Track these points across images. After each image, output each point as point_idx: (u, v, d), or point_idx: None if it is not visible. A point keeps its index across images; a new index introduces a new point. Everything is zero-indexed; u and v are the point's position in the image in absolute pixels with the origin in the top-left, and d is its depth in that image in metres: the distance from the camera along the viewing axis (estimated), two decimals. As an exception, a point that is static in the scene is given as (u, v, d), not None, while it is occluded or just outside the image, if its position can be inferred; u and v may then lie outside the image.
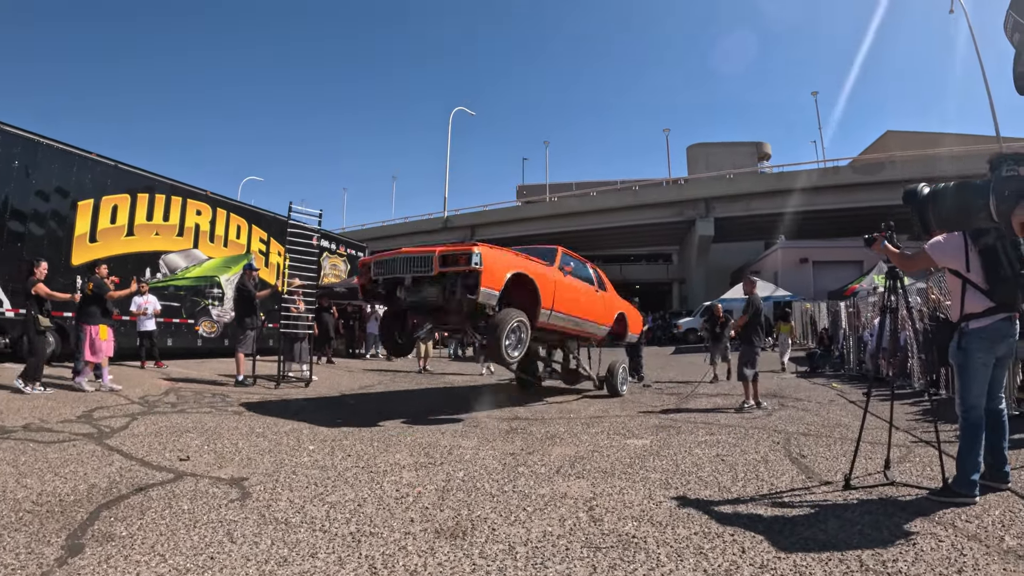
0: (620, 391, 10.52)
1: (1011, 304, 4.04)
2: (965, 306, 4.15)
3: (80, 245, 12.58)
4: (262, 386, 10.64)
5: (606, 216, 44.75)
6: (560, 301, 8.68)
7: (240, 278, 11.49)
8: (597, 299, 10.30)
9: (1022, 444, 5.82)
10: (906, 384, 11.29)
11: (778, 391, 11.10)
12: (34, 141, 11.74)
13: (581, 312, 9.50)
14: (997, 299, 4.02)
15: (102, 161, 13.21)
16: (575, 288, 9.43)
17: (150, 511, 3.65)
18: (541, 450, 5.72)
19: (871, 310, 14.54)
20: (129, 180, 13.89)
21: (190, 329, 15.42)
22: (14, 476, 4.36)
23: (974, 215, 1.19)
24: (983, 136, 36.50)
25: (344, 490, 4.19)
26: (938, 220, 1.36)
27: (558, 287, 8.68)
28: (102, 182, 13.18)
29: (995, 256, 3.96)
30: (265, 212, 18.57)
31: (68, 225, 12.42)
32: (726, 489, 4.33)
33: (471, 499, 4.01)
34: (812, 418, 7.92)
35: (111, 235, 13.32)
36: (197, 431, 6.38)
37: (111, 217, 13.33)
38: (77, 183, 12.61)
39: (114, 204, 13.41)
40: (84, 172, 12.76)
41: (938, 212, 1.40)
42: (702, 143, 60.81)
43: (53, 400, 7.97)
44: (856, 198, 36.16)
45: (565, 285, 8.98)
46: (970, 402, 4.07)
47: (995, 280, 4.01)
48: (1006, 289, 3.99)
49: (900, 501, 4.02)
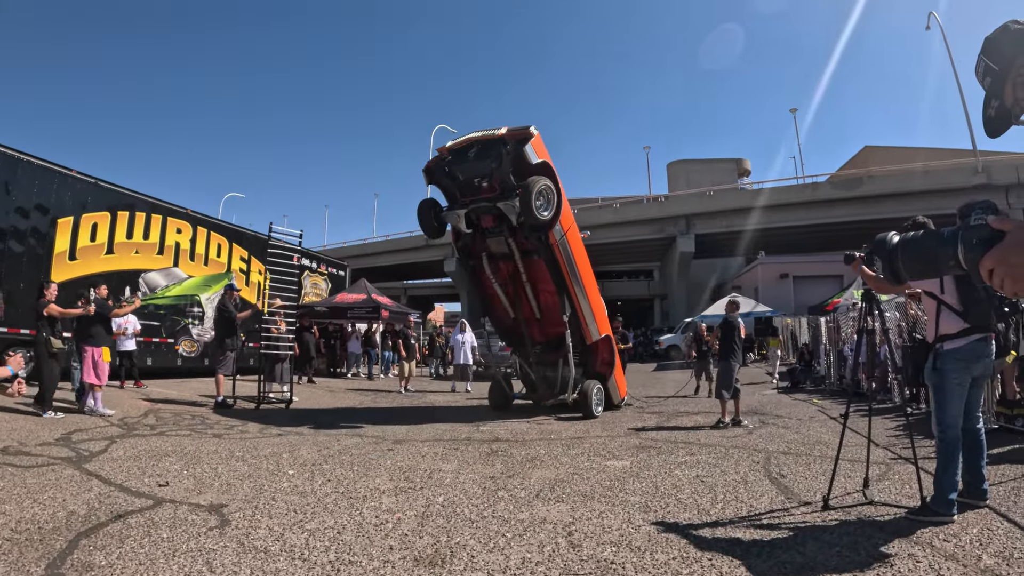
0: (595, 412, 10.22)
1: (985, 325, 4.12)
2: (940, 327, 4.22)
3: (60, 263, 12.47)
4: (242, 407, 10.56)
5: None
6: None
7: (221, 298, 11.44)
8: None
9: (1000, 460, 5.91)
10: (886, 399, 11.40)
11: (759, 407, 11.16)
12: (14, 157, 11.65)
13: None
14: (971, 320, 4.10)
15: (82, 178, 13.12)
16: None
17: (129, 539, 3.62)
18: (521, 473, 5.72)
19: (851, 325, 14.69)
20: (109, 197, 13.81)
21: (170, 348, 15.29)
22: (-9, 503, 4.30)
23: (943, 263, 1.24)
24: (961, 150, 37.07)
25: (324, 517, 4.17)
26: (908, 269, 1.41)
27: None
28: (82, 199, 13.09)
29: (968, 278, 4.04)
30: (246, 230, 18.49)
31: (48, 243, 12.32)
32: (705, 512, 4.36)
33: (450, 525, 4.00)
34: (792, 436, 7.98)
35: (91, 253, 13.21)
36: (176, 455, 6.33)
37: (91, 235, 13.24)
38: (57, 200, 12.51)
39: (94, 222, 13.32)
40: (64, 189, 12.67)
41: (907, 261, 1.45)
42: (682, 160, 61.14)
43: (31, 422, 7.88)
44: (835, 213, 36.53)
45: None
46: (946, 422, 4.13)
47: (969, 302, 4.09)
48: (980, 310, 4.08)
49: (879, 521, 4.07)
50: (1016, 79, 1.43)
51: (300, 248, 14.32)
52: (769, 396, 13.80)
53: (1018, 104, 1.45)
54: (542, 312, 10.89)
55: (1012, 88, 1.44)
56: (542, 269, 10.13)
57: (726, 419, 8.92)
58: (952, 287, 4.14)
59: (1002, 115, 1.47)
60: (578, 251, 10.34)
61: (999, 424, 7.61)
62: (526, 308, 10.99)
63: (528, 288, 10.62)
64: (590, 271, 10.78)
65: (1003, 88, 1.45)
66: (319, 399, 13.13)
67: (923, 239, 1.53)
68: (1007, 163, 33.09)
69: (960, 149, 37.91)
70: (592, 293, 10.59)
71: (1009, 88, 1.44)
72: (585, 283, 10.35)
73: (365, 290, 20.98)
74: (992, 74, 1.46)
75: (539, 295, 10.73)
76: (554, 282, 10.09)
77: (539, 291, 10.68)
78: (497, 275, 10.71)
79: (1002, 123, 1.49)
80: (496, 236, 10.17)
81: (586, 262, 10.65)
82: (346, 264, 24.99)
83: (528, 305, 10.91)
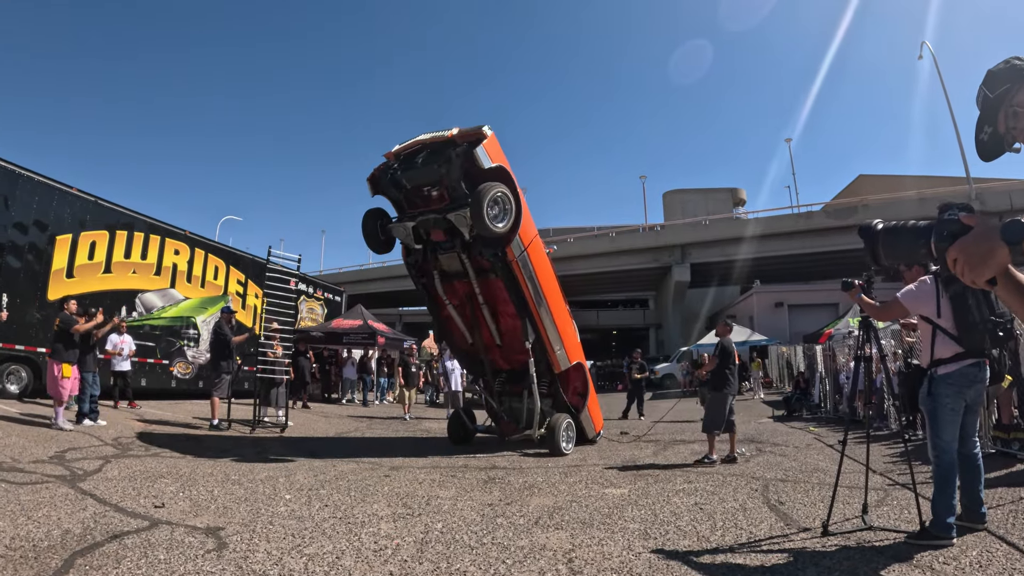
0: (563, 450, 9.07)
1: (979, 350, 4.16)
2: (935, 352, 4.26)
3: (57, 280, 12.45)
4: (237, 431, 10.51)
5: (583, 262, 44.90)
6: None
7: (217, 322, 11.43)
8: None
9: (997, 483, 5.91)
10: (883, 426, 11.39)
11: (756, 436, 11.13)
12: (14, 172, 11.67)
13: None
14: (966, 344, 4.14)
15: (82, 196, 13.14)
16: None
17: (125, 560, 3.59)
18: (519, 500, 5.69)
19: (847, 352, 14.73)
20: (109, 216, 13.84)
21: (164, 370, 15.22)
22: (-15, 519, 4.27)
23: (917, 251, 1.39)
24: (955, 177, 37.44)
25: (322, 541, 4.14)
26: (887, 254, 1.50)
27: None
28: (81, 217, 13.11)
29: (964, 302, 4.10)
30: (243, 254, 18.51)
31: (46, 259, 12.31)
32: (704, 538, 4.34)
33: (450, 551, 3.98)
34: (790, 463, 7.96)
35: (88, 271, 13.21)
36: (172, 476, 6.29)
37: (89, 253, 13.24)
38: (56, 217, 12.53)
39: (92, 240, 13.33)
40: (64, 206, 12.69)
41: (887, 247, 1.52)
42: (678, 189, 61.39)
43: (24, 438, 7.82)
44: (830, 242, 36.71)
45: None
46: (941, 447, 4.16)
47: (964, 326, 4.13)
48: (974, 335, 4.12)
49: (878, 546, 4.06)
50: (1008, 108, 1.53)
51: (298, 272, 14.31)
52: (765, 424, 13.79)
53: (1010, 133, 1.55)
54: (502, 337, 9.95)
55: (1004, 117, 1.54)
56: (500, 289, 9.21)
57: (714, 455, 8.07)
58: (948, 311, 4.19)
59: (995, 140, 1.58)
60: (542, 269, 9.29)
61: (995, 448, 7.62)
62: (485, 333, 10.06)
63: (486, 310, 9.68)
64: (558, 292, 9.78)
65: (996, 116, 1.55)
66: (314, 424, 13.06)
67: (903, 229, 1.67)
68: (1000, 190, 33.47)
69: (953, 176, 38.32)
70: (560, 316, 9.55)
71: (1002, 116, 1.54)
72: (551, 305, 9.30)
73: (361, 316, 20.97)
74: (988, 102, 1.57)
75: (499, 318, 9.78)
76: (514, 304, 9.12)
77: (499, 314, 9.73)
78: (452, 295, 9.82)
79: (995, 148, 1.59)
80: (448, 252, 9.10)
81: (553, 281, 9.66)
82: (342, 290, 24.98)
83: (487, 329, 9.97)
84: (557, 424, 9.15)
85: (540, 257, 9.39)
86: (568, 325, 9.97)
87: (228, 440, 9.41)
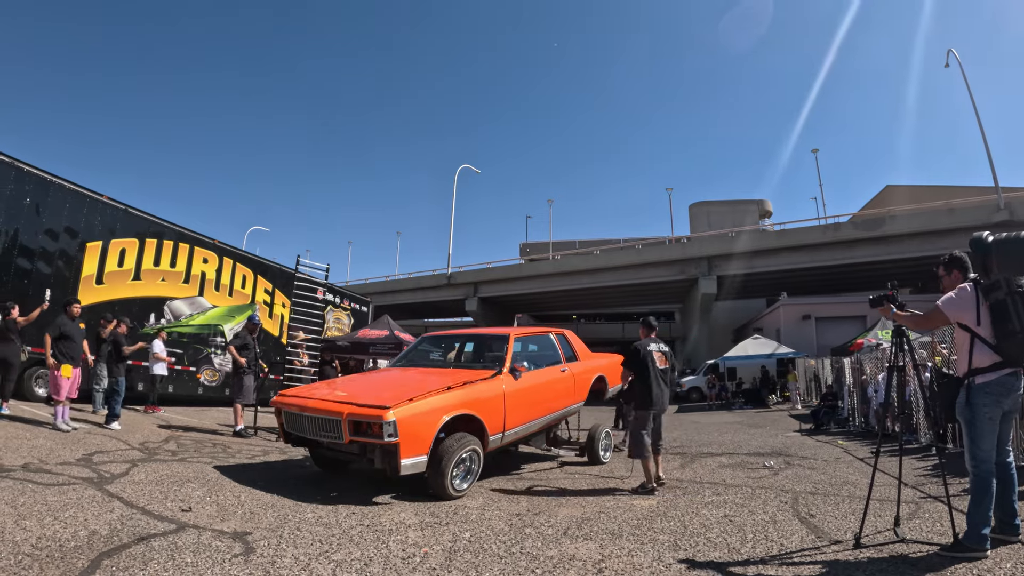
0: (602, 459, 9.09)
1: (1018, 359, 4.06)
2: (973, 360, 4.17)
3: (87, 286, 12.62)
4: (263, 438, 10.54)
5: (609, 275, 44.79)
6: (515, 414, 7.42)
7: (241, 330, 11.48)
8: (563, 380, 8.74)
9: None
10: (912, 439, 11.18)
11: (783, 449, 10.96)
12: (46, 180, 11.85)
13: (544, 408, 8.24)
14: (1004, 353, 4.04)
15: (113, 204, 13.34)
16: (532, 389, 7.89)
17: (152, 562, 3.60)
18: (547, 511, 5.64)
19: (875, 364, 14.49)
20: (138, 224, 14.02)
21: (192, 376, 15.36)
22: (12, 517, 4.32)
23: None
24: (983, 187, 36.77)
25: (349, 548, 4.13)
26: (1000, 264, 1.46)
27: (509, 401, 7.31)
28: (111, 225, 13.30)
29: (1005, 310, 3.99)
30: (271, 263, 18.64)
31: (76, 266, 12.49)
32: (735, 550, 4.27)
33: (479, 560, 3.95)
34: (819, 476, 7.83)
35: (118, 278, 13.39)
36: (198, 481, 6.32)
37: (119, 260, 13.42)
38: (87, 224, 12.72)
39: (122, 247, 13.52)
40: (94, 214, 12.89)
41: (1001, 257, 1.49)
42: (704, 201, 61.11)
43: (51, 440, 7.91)
44: (857, 254, 36.19)
45: (518, 393, 7.50)
46: (980, 456, 4.08)
47: (1003, 334, 4.02)
48: (1013, 344, 4.01)
49: (911, 558, 3.99)
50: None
51: (325, 282, 14.37)
52: (793, 438, 13.58)
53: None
54: None
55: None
56: None
57: (652, 483, 6.91)
58: (987, 319, 4.09)
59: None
60: (530, 396, 7.97)
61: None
62: None
63: None
64: (549, 381, 8.59)
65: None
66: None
67: (1014, 240, 1.62)
68: (1030, 199, 32.80)
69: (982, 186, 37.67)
70: (557, 395, 8.64)
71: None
72: (549, 406, 8.42)
73: (388, 326, 20.98)
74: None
75: None
76: None
77: None
78: None
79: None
80: None
81: (539, 384, 8.24)
82: (369, 300, 25.05)
83: None
84: (596, 433, 9.21)
85: None
86: (575, 374, 9.15)
87: (254, 447, 9.44)
